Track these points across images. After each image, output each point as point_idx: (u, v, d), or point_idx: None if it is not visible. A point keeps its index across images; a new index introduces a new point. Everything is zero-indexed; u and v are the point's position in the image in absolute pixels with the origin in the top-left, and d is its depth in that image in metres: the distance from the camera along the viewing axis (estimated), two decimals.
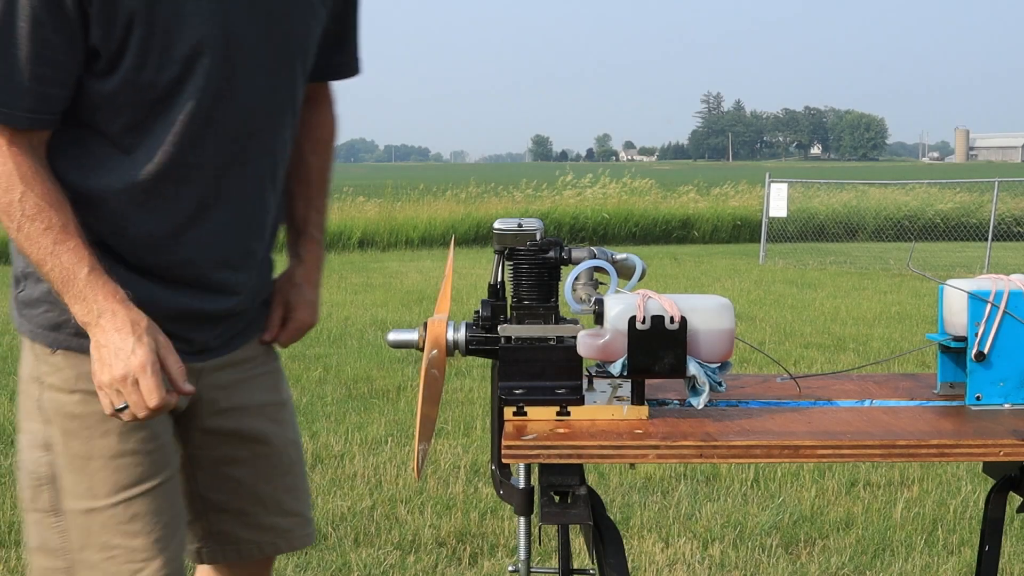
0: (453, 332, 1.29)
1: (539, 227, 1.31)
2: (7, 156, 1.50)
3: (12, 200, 1.50)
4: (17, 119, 1.49)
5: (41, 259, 1.52)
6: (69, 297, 1.53)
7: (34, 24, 1.45)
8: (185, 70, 1.54)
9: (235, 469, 1.82)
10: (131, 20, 1.49)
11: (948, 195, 23.72)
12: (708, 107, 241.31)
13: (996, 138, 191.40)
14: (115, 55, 1.51)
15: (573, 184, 25.20)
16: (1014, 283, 1.30)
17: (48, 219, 1.50)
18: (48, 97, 1.50)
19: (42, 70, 1.48)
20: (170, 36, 1.52)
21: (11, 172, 1.50)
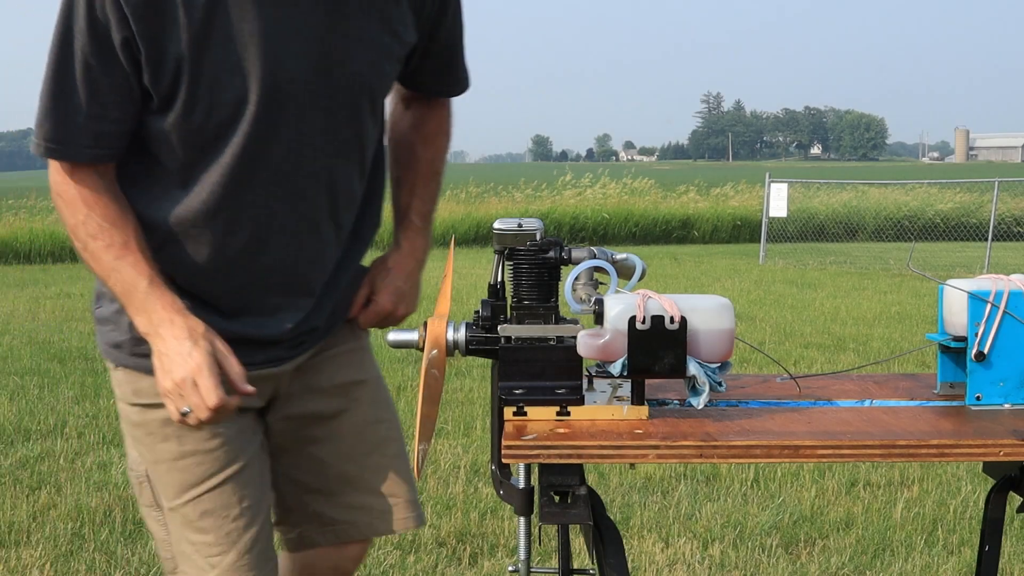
0: (453, 332, 1.29)
1: (539, 227, 1.31)
2: (70, 183, 1.59)
3: (77, 222, 1.59)
4: (76, 154, 1.57)
5: (105, 275, 1.60)
6: (131, 310, 1.60)
7: (85, 67, 1.52)
8: (234, 114, 1.58)
9: (317, 449, 1.85)
10: (178, 67, 1.53)
11: (948, 195, 23.72)
12: (708, 107, 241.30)
13: (996, 138, 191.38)
14: (165, 98, 1.56)
15: (573, 184, 25.20)
16: (1014, 283, 1.30)
17: (109, 237, 1.58)
18: (105, 133, 1.57)
19: (96, 109, 1.54)
20: (219, 82, 1.55)
21: (75, 197, 1.58)
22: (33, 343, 8.29)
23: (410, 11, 1.68)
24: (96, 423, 5.62)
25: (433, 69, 1.80)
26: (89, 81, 1.53)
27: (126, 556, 3.67)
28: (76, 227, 1.60)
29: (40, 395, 6.33)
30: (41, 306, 10.73)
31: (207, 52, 1.53)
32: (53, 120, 1.56)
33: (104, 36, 1.50)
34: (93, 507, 4.18)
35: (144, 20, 1.49)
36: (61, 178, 1.60)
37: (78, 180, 1.59)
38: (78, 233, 1.60)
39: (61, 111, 1.55)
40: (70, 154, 1.57)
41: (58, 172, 1.60)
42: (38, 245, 17.43)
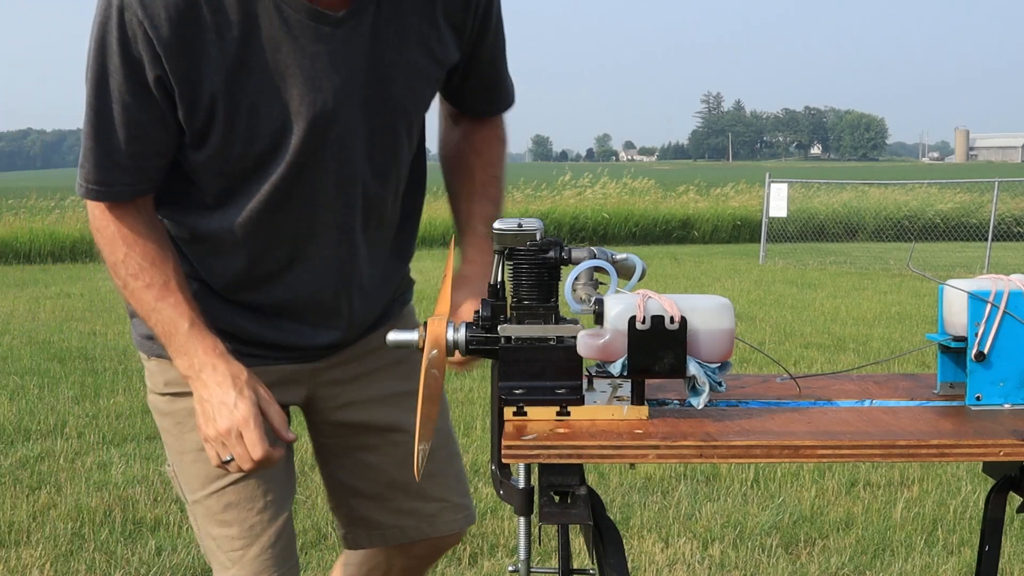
0: (453, 332, 1.29)
1: (539, 227, 1.31)
2: (110, 220, 1.58)
3: (117, 260, 1.59)
4: (117, 194, 1.57)
5: (146, 314, 1.60)
6: (172, 350, 1.60)
7: (123, 106, 1.51)
8: (274, 144, 1.57)
9: (369, 456, 1.85)
10: (213, 102, 1.52)
11: (948, 195, 23.72)
12: (708, 107, 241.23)
13: (996, 138, 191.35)
14: (201, 132, 1.55)
15: (573, 184, 25.19)
16: (1014, 283, 1.30)
17: (150, 277, 1.58)
18: (144, 169, 1.57)
19: (135, 147, 1.54)
20: (256, 114, 1.54)
21: (114, 235, 1.58)
22: (33, 343, 8.29)
23: (450, 31, 1.65)
24: (96, 423, 5.62)
25: (476, 88, 1.78)
26: (127, 120, 1.51)
27: (126, 556, 3.67)
28: (116, 265, 1.60)
29: (40, 395, 6.33)
30: (41, 306, 10.73)
31: (243, 85, 1.51)
32: (93, 161, 1.56)
33: (139, 74, 1.48)
34: (93, 507, 4.18)
35: (176, 57, 1.47)
36: (100, 214, 1.60)
37: (118, 217, 1.58)
38: (118, 271, 1.60)
39: (100, 152, 1.54)
40: (112, 195, 1.57)
41: (97, 208, 1.60)
42: (38, 245, 17.43)
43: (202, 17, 1.46)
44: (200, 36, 1.47)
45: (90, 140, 1.55)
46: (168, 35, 1.45)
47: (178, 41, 1.46)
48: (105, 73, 1.49)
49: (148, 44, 1.45)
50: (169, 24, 1.45)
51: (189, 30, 1.46)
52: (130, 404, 6.06)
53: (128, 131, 1.52)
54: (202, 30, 1.47)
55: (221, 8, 1.47)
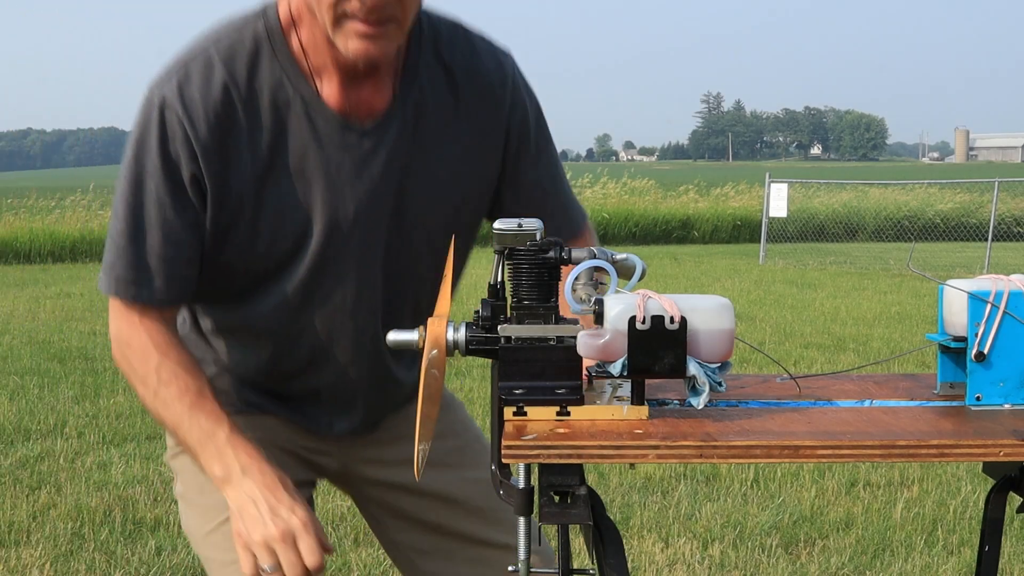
0: (453, 332, 1.29)
1: (539, 227, 1.31)
2: (141, 329, 1.55)
3: (149, 370, 1.54)
4: (150, 297, 1.54)
5: (177, 422, 1.54)
6: (207, 456, 1.53)
7: (159, 206, 1.50)
8: (296, 247, 1.57)
9: (421, 514, 1.82)
10: (240, 202, 1.53)
11: (948, 195, 23.73)
12: (708, 107, 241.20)
13: (996, 138, 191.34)
14: (225, 231, 1.55)
15: (573, 184, 25.20)
16: (1014, 283, 1.30)
17: (184, 384, 1.54)
18: (176, 276, 1.55)
19: (169, 250, 1.53)
20: (280, 217, 1.55)
21: (146, 343, 1.55)
22: (33, 343, 8.29)
23: (484, 144, 1.64)
24: (96, 423, 5.62)
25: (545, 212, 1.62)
26: (162, 221, 1.51)
27: (126, 556, 3.67)
28: (148, 375, 1.55)
29: (40, 395, 6.33)
30: (41, 306, 10.73)
31: (270, 188, 1.53)
32: (126, 261, 1.53)
33: (175, 174, 1.50)
34: (93, 507, 4.18)
35: (212, 156, 1.50)
36: (128, 325, 1.57)
37: (148, 326, 1.55)
38: (149, 380, 1.55)
39: (135, 252, 1.53)
40: (144, 296, 1.54)
41: (125, 319, 1.57)
42: (38, 245, 17.43)
43: (238, 120, 1.50)
44: (235, 138, 1.51)
45: (124, 239, 1.53)
46: (206, 135, 1.49)
47: (214, 141, 1.49)
48: (143, 172, 1.51)
49: (187, 143, 1.49)
50: (207, 124, 1.49)
51: (225, 131, 1.50)
52: (130, 404, 6.06)
53: (163, 232, 1.52)
54: (237, 132, 1.51)
55: (256, 113, 1.51)
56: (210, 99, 1.49)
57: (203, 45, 1.52)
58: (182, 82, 1.49)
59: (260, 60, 1.51)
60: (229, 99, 1.50)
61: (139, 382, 1.57)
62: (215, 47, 1.51)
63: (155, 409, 1.57)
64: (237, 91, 1.50)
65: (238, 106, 1.50)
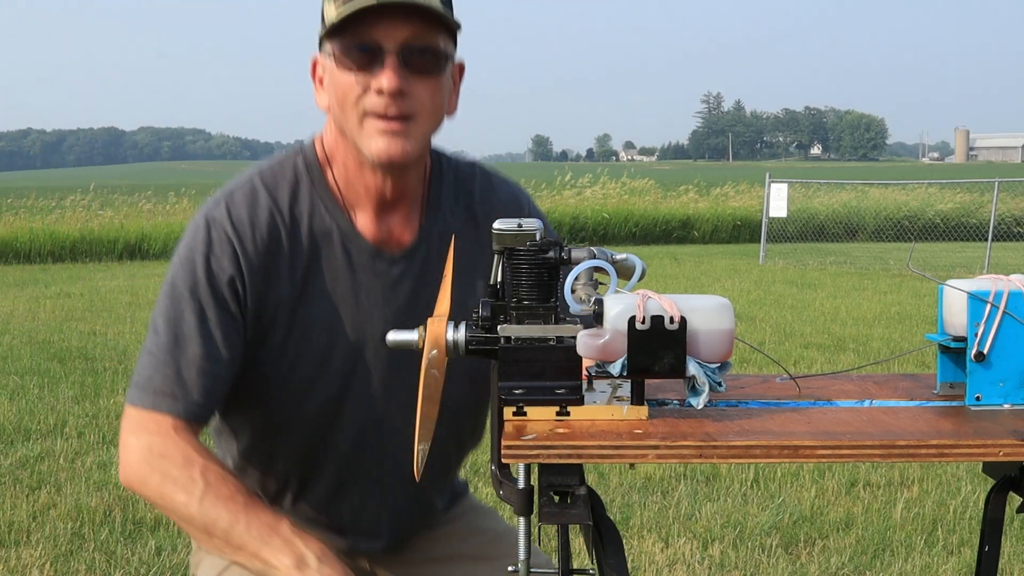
0: (453, 332, 1.29)
1: (539, 227, 1.31)
2: (178, 439, 1.54)
3: (194, 474, 1.51)
4: (186, 411, 1.55)
5: (232, 520, 1.49)
6: (272, 549, 1.49)
7: (200, 320, 1.55)
8: (321, 368, 1.63)
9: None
10: (273, 322, 1.60)
11: (948, 195, 23.73)
12: (708, 107, 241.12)
13: (996, 138, 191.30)
14: (256, 347, 1.60)
15: (572, 184, 25.20)
16: (1014, 283, 1.30)
17: (235, 484, 1.52)
18: (212, 392, 1.57)
19: (208, 364, 1.55)
20: (309, 337, 1.62)
21: (187, 451, 1.53)
22: (33, 343, 8.29)
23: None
24: (96, 423, 5.62)
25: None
26: (204, 333, 1.55)
27: (126, 556, 3.67)
28: (192, 480, 1.51)
29: (40, 395, 6.33)
30: (41, 306, 10.73)
31: (303, 309, 1.61)
32: (165, 374, 1.55)
33: (220, 288, 1.56)
34: (93, 507, 4.18)
35: (256, 274, 1.58)
36: (162, 438, 1.54)
37: (186, 437, 1.54)
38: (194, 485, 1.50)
39: (174, 365, 1.55)
40: (181, 409, 1.54)
41: (158, 432, 1.54)
42: (38, 245, 17.44)
43: (281, 242, 1.60)
44: (277, 259, 1.60)
45: (163, 352, 1.55)
46: (253, 251, 1.58)
47: (259, 259, 1.58)
48: (187, 286, 1.57)
49: (234, 258, 1.57)
50: (254, 242, 1.58)
51: (270, 252, 1.59)
52: None
53: (204, 346, 1.55)
54: (279, 254, 1.60)
55: (297, 238, 1.61)
56: (257, 220, 1.59)
57: (248, 176, 1.64)
58: (230, 205, 1.60)
59: (300, 190, 1.63)
60: (274, 222, 1.60)
61: (180, 489, 1.51)
62: (259, 177, 1.63)
63: (202, 513, 1.50)
64: (280, 216, 1.61)
65: (281, 230, 1.60)
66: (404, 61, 1.52)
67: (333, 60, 1.55)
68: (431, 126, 1.59)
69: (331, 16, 1.52)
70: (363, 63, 1.52)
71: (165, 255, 17.83)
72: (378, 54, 1.51)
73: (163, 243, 18.09)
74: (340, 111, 1.56)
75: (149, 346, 1.57)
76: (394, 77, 1.50)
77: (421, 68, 1.53)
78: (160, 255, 17.81)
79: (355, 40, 1.52)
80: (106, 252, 17.64)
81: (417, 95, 1.54)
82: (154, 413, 1.55)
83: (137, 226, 18.80)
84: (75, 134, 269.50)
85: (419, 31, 1.52)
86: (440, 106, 1.59)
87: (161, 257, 17.74)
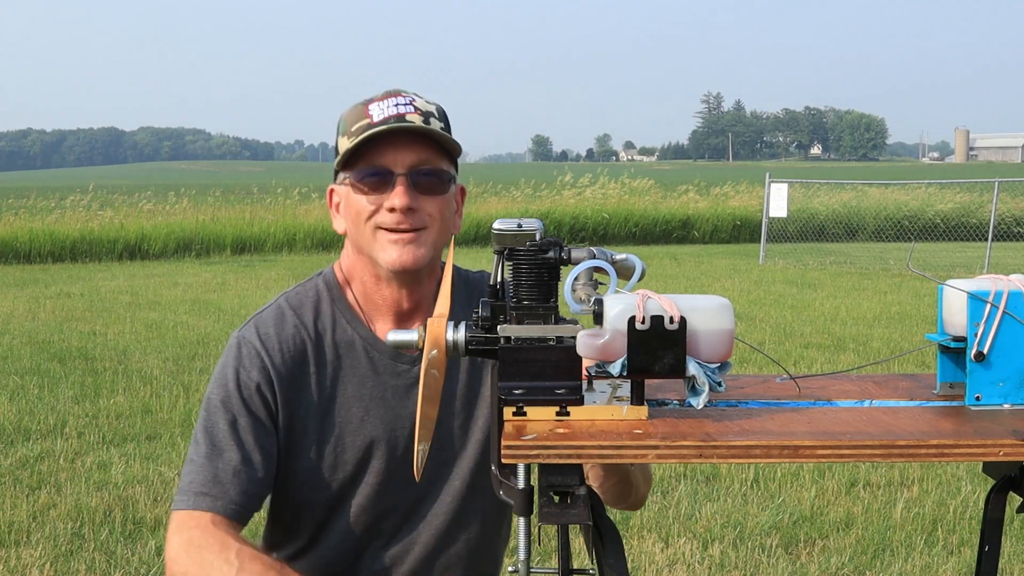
0: (453, 332, 1.29)
1: (539, 227, 1.31)
2: (214, 531, 1.65)
3: (229, 556, 1.61)
4: (224, 508, 1.67)
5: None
6: None
7: (233, 427, 1.71)
8: (357, 470, 1.76)
9: None
10: (306, 428, 1.74)
11: (948, 195, 23.74)
12: (708, 107, 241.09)
13: (996, 138, 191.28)
14: (289, 455, 1.74)
15: (572, 184, 25.19)
16: (1014, 283, 1.30)
17: (267, 561, 1.62)
18: (248, 492, 1.69)
19: (242, 466, 1.69)
20: (342, 441, 1.75)
21: (224, 539, 1.63)
22: (33, 343, 8.29)
23: None
24: (96, 423, 5.62)
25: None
26: (237, 439, 1.70)
27: (126, 556, 3.67)
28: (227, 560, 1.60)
29: (40, 395, 6.33)
30: (41, 306, 10.73)
31: (333, 414, 1.75)
32: (203, 477, 1.68)
33: (251, 398, 1.72)
34: (93, 507, 4.18)
35: (285, 384, 1.73)
36: (201, 532, 1.64)
37: (225, 530, 1.65)
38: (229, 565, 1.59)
39: (211, 469, 1.68)
40: (219, 507, 1.66)
41: (198, 528, 1.65)
42: (38, 245, 17.44)
43: (307, 355, 1.76)
44: (304, 369, 1.75)
45: (201, 458, 1.69)
46: (280, 363, 1.74)
47: (287, 370, 1.74)
48: (220, 399, 1.72)
49: (263, 370, 1.73)
50: (281, 355, 1.74)
51: (297, 363, 1.75)
52: (130, 404, 6.06)
53: (238, 449, 1.69)
54: (306, 365, 1.75)
55: (322, 349, 1.77)
56: (284, 336, 1.76)
57: (275, 300, 1.82)
58: (258, 324, 1.77)
59: (322, 307, 1.80)
60: (300, 337, 1.76)
61: (217, 572, 1.60)
62: (284, 300, 1.81)
63: None
64: (305, 331, 1.77)
65: (307, 343, 1.76)
66: (412, 182, 1.69)
67: (349, 187, 1.73)
68: (440, 237, 1.74)
69: (345, 147, 1.71)
70: (376, 186, 1.70)
71: (165, 255, 17.85)
72: (389, 177, 1.70)
73: (163, 243, 18.10)
74: (355, 230, 1.73)
75: (191, 455, 1.72)
76: (404, 195, 1.68)
77: (428, 188, 1.71)
78: (160, 255, 17.82)
79: (368, 166, 1.70)
80: (106, 252, 17.64)
81: (426, 210, 1.71)
82: (194, 512, 1.67)
83: (137, 226, 18.81)
84: (75, 134, 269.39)
85: (425, 156, 1.71)
86: (447, 220, 1.75)
87: (161, 257, 17.75)
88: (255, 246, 18.85)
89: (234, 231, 19.03)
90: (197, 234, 18.67)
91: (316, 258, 17.59)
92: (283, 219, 20.37)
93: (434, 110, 1.75)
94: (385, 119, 1.69)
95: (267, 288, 12.49)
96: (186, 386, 6.55)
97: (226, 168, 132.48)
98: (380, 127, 1.68)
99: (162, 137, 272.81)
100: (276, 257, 17.96)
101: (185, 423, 5.61)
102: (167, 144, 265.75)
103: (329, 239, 19.10)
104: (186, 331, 8.95)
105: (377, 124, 1.69)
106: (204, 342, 8.29)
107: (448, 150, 1.75)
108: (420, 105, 1.74)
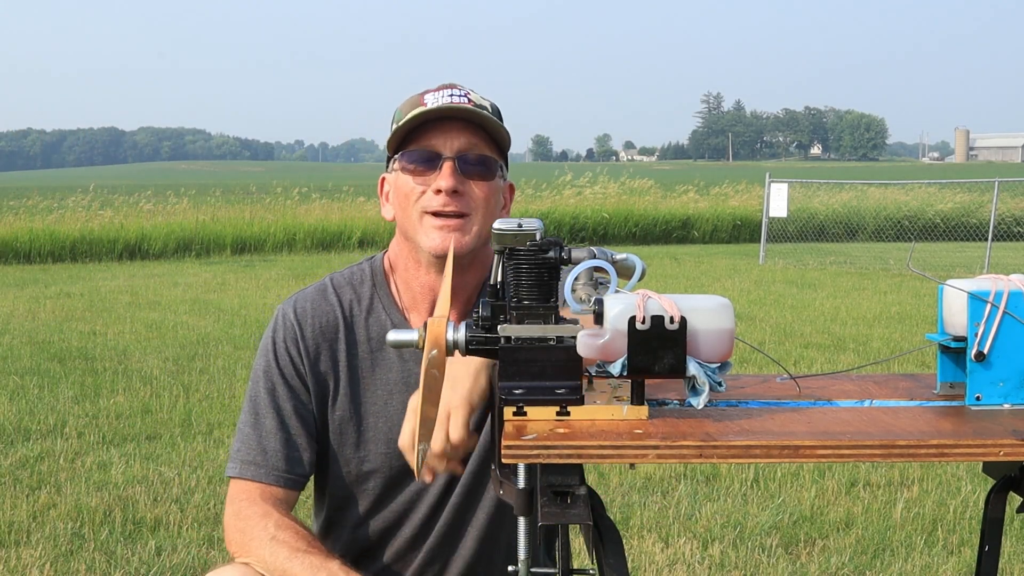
0: (453, 332, 1.29)
1: (539, 227, 1.31)
2: (259, 502, 1.76)
3: (268, 525, 1.72)
4: (269, 477, 1.78)
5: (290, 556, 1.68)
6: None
7: (271, 395, 1.81)
8: (377, 452, 1.82)
9: None
10: (332, 403, 1.82)
11: (948, 195, 23.74)
12: (708, 107, 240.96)
13: (996, 138, 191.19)
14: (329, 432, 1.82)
15: (572, 184, 25.18)
16: (1014, 283, 1.30)
17: (300, 532, 1.71)
18: (292, 459, 1.80)
19: (283, 433, 1.80)
20: (365, 421, 1.82)
21: (264, 508, 1.75)
22: (33, 343, 8.29)
23: None
24: (96, 423, 5.62)
25: None
26: (275, 406, 1.80)
27: (126, 556, 3.67)
28: (265, 526, 1.72)
29: (40, 395, 6.33)
30: (41, 306, 10.73)
31: (368, 394, 1.82)
32: (249, 445, 1.80)
33: (285, 367, 1.82)
34: (93, 507, 4.18)
35: (314, 357, 1.82)
36: (249, 503, 1.76)
37: (267, 500, 1.76)
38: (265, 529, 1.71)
39: (256, 437, 1.79)
40: (264, 475, 1.78)
41: (247, 498, 1.77)
42: (38, 245, 17.43)
43: (339, 332, 1.84)
44: (334, 346, 1.83)
45: (247, 427, 1.81)
46: (309, 336, 1.83)
47: (315, 344, 1.82)
48: (261, 369, 1.83)
49: (295, 342, 1.82)
50: (312, 330, 1.83)
51: (326, 338, 1.83)
52: (130, 404, 6.06)
53: (276, 416, 1.80)
54: (336, 342, 1.83)
55: (353, 330, 1.84)
56: (318, 312, 1.84)
57: (325, 278, 1.91)
58: (298, 299, 1.87)
59: (362, 290, 1.87)
60: (334, 314, 1.84)
61: (255, 540, 1.71)
62: (331, 278, 1.90)
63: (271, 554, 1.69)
64: (341, 310, 1.85)
65: (340, 322, 1.84)
66: (460, 166, 1.74)
67: (398, 171, 1.79)
68: (484, 226, 1.76)
69: (397, 130, 1.76)
70: (424, 168, 1.75)
71: (165, 255, 17.84)
72: (436, 160, 1.74)
73: (163, 243, 18.09)
74: (402, 213, 1.79)
75: (240, 423, 1.83)
76: (451, 177, 1.72)
77: (475, 173, 1.75)
78: (160, 255, 17.81)
79: (417, 148, 1.76)
80: (106, 252, 17.64)
81: (472, 195, 1.75)
82: (241, 481, 1.79)
83: (137, 226, 18.80)
84: (75, 134, 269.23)
85: (474, 141, 1.75)
86: (494, 208, 1.79)
87: (161, 257, 17.74)
88: (255, 246, 18.85)
89: (234, 231, 19.02)
90: (197, 234, 18.66)
91: (316, 258, 17.58)
92: (283, 219, 20.36)
93: (487, 105, 1.79)
94: (438, 107, 1.74)
95: (267, 288, 12.49)
96: (186, 386, 6.55)
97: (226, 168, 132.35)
98: (431, 110, 1.73)
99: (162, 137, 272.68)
100: (276, 257, 17.95)
101: (185, 423, 5.61)
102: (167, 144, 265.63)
103: (329, 239, 19.11)
104: (186, 331, 8.95)
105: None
106: (204, 342, 8.29)
107: (498, 142, 1.79)
108: (474, 98, 1.78)
